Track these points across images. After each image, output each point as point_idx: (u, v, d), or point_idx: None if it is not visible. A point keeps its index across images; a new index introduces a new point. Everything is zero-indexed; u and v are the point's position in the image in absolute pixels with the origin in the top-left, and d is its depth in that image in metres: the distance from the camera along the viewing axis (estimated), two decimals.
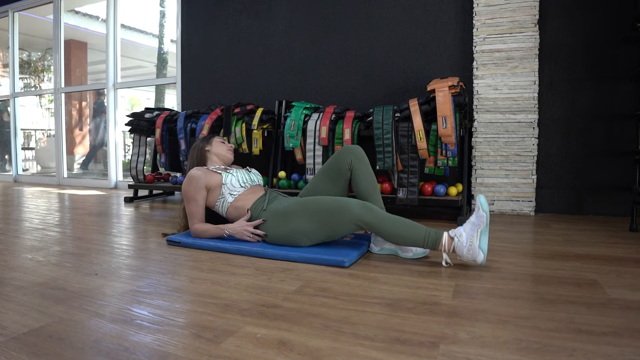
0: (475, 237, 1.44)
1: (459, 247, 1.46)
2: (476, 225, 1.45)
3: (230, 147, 2.08)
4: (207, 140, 2.06)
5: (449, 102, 2.31)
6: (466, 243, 1.45)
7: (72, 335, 0.95)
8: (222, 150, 2.04)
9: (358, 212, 1.53)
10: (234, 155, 2.10)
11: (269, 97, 3.52)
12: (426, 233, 1.49)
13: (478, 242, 1.44)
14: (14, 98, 5.41)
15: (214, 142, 2.05)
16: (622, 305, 1.12)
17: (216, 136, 2.10)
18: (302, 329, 0.98)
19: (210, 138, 2.07)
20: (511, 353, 0.86)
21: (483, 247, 1.44)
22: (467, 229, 1.47)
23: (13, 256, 1.65)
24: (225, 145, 2.06)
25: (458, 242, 1.46)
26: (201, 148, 2.03)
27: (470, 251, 1.44)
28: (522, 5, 2.63)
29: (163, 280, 1.35)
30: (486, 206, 1.45)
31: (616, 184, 2.58)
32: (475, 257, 1.45)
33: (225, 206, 1.85)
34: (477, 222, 1.45)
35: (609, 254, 1.68)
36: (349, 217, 1.54)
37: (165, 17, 7.08)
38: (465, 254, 1.45)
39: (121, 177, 4.61)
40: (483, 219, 1.44)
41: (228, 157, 2.05)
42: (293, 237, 1.65)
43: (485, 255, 1.44)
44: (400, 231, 1.50)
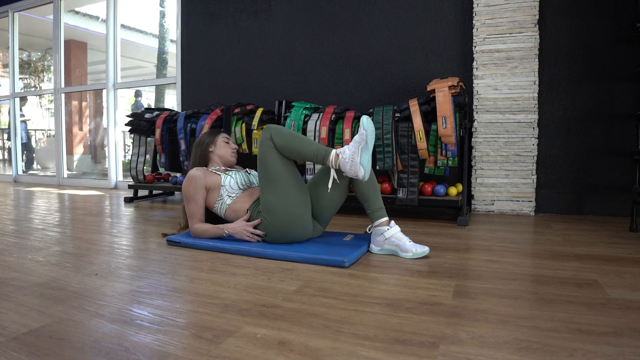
0: (357, 153, 1.56)
1: (343, 162, 1.59)
2: (358, 143, 1.56)
3: (234, 150, 2.05)
4: (212, 139, 2.02)
5: (449, 102, 2.31)
6: (349, 159, 1.57)
7: (72, 336, 0.95)
8: (226, 154, 2.02)
9: (265, 135, 1.66)
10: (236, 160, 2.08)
11: (269, 97, 3.52)
12: (317, 149, 1.64)
13: (359, 159, 1.56)
14: (14, 98, 5.41)
15: (219, 143, 2.02)
16: (622, 305, 1.12)
17: (222, 134, 2.06)
18: (302, 329, 0.98)
19: (216, 136, 2.04)
20: (511, 353, 0.86)
21: (364, 163, 1.56)
22: (351, 146, 1.58)
23: (13, 256, 1.65)
24: (229, 148, 2.04)
25: (342, 158, 1.59)
26: (205, 148, 2.01)
27: (352, 167, 1.57)
28: (522, 5, 2.63)
29: (163, 281, 1.35)
30: (367, 125, 1.55)
31: (616, 184, 2.58)
32: (356, 172, 1.57)
33: (223, 208, 1.85)
34: (359, 139, 1.56)
35: (609, 254, 1.68)
36: (265, 144, 1.66)
37: (165, 17, 7.08)
38: (348, 170, 1.58)
39: (121, 178, 4.61)
40: (363, 136, 1.55)
41: (231, 161, 2.03)
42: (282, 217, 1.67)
43: (367, 171, 1.55)
44: (295, 146, 1.64)
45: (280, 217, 1.67)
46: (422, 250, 1.61)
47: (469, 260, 1.59)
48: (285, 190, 1.66)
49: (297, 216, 1.68)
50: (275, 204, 1.67)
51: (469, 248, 1.80)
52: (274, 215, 1.68)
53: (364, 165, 1.56)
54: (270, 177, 1.67)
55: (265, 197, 1.69)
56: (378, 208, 1.72)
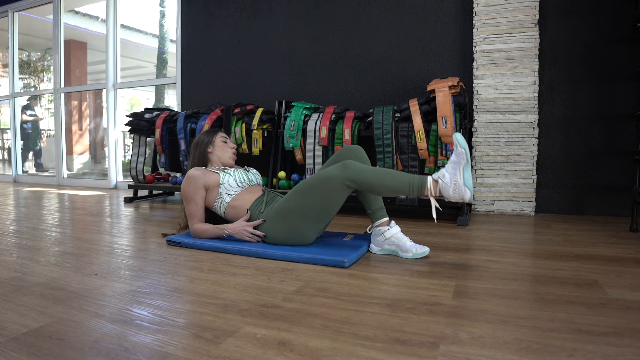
0: (459, 175, 1.43)
1: (445, 188, 1.45)
2: (457, 163, 1.44)
3: (233, 150, 2.04)
4: (210, 139, 2.01)
5: (449, 102, 2.31)
6: (451, 183, 1.44)
7: (72, 336, 0.95)
8: (225, 155, 2.00)
9: (342, 172, 1.54)
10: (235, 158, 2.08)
11: (268, 97, 3.51)
12: (411, 180, 1.48)
13: (462, 180, 1.43)
14: (14, 98, 5.40)
15: (217, 143, 2.01)
16: (622, 306, 1.12)
17: (219, 133, 2.05)
18: (302, 329, 0.98)
19: (214, 136, 2.03)
20: (511, 353, 0.86)
21: (468, 184, 1.43)
22: (450, 169, 1.45)
23: (13, 256, 1.65)
24: (228, 149, 2.02)
25: (442, 184, 1.45)
26: (204, 149, 2.00)
27: (456, 191, 1.44)
28: (522, 5, 2.63)
29: (163, 281, 1.35)
30: (464, 142, 1.44)
31: (616, 184, 2.58)
32: (462, 196, 1.44)
33: (223, 206, 1.85)
34: (458, 159, 1.44)
35: (609, 254, 1.68)
36: (336, 180, 1.55)
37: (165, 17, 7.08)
38: (452, 194, 1.44)
39: (121, 178, 4.61)
40: (463, 155, 1.43)
41: (230, 163, 2.02)
42: (293, 228, 1.64)
43: (472, 192, 1.44)
44: (385, 182, 1.51)
45: (290, 229, 1.66)
46: (423, 251, 1.61)
47: (469, 260, 1.59)
48: (313, 222, 1.64)
49: (305, 234, 1.67)
50: (294, 219, 1.64)
51: (469, 248, 1.80)
52: (284, 223, 1.66)
53: (468, 185, 1.43)
54: (313, 203, 1.60)
55: (291, 207, 1.64)
56: (378, 208, 1.72)
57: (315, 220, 1.64)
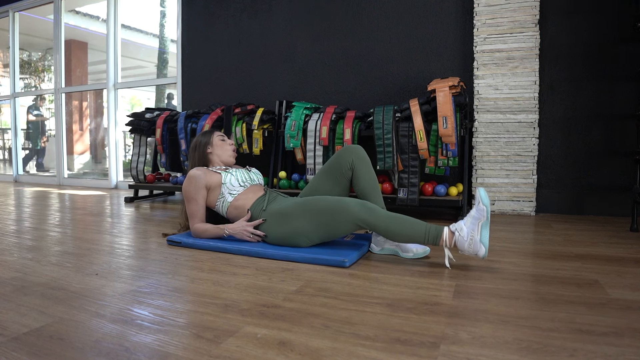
0: (477, 231, 1.43)
1: (460, 241, 1.45)
2: (477, 219, 1.44)
3: (233, 149, 2.04)
4: (207, 139, 2.01)
5: (449, 102, 2.31)
6: (467, 237, 1.44)
7: (73, 336, 0.95)
8: (225, 153, 2.01)
9: (357, 212, 1.53)
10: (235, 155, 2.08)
11: (269, 97, 3.52)
12: (427, 229, 1.48)
13: (479, 236, 1.43)
14: (14, 98, 5.41)
15: (215, 143, 2.01)
16: (622, 306, 1.12)
17: (216, 133, 2.04)
18: (302, 329, 0.98)
19: (210, 136, 2.02)
20: (512, 353, 0.86)
21: (484, 241, 1.43)
22: (468, 223, 1.45)
23: (13, 256, 1.65)
24: (227, 146, 2.02)
25: (459, 237, 1.45)
26: (203, 150, 2.00)
27: (471, 245, 1.43)
28: (523, 5, 2.63)
29: (163, 281, 1.35)
30: (487, 200, 1.43)
31: (617, 184, 2.58)
32: (476, 251, 1.43)
33: (225, 206, 1.85)
34: (478, 215, 1.44)
35: (610, 254, 1.68)
36: (349, 216, 1.53)
37: (166, 17, 7.09)
38: (466, 248, 1.44)
39: (122, 178, 4.61)
40: (484, 212, 1.42)
41: (230, 161, 2.03)
42: (293, 237, 1.65)
43: (487, 249, 1.43)
44: (401, 229, 1.49)
45: (291, 232, 1.65)
46: (423, 251, 1.61)
47: (470, 260, 1.59)
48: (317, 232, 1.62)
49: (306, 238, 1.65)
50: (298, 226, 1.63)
51: None
52: (287, 226, 1.65)
53: (484, 242, 1.43)
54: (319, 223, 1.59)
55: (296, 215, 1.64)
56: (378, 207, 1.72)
57: (318, 233, 1.62)
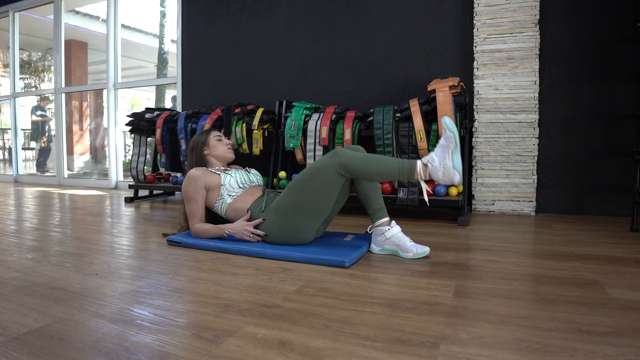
0: (448, 158, 1.46)
1: (434, 171, 1.47)
2: (446, 147, 1.47)
3: (229, 146, 2.04)
4: (204, 139, 2.01)
5: (449, 102, 2.31)
6: (440, 166, 1.46)
7: (73, 336, 0.95)
8: (222, 152, 2.01)
9: (333, 160, 1.56)
10: (233, 154, 2.07)
11: (269, 97, 3.52)
12: (400, 165, 1.51)
13: (451, 163, 1.45)
14: (14, 98, 5.41)
15: (212, 144, 2.00)
16: (622, 306, 1.12)
17: (213, 133, 2.03)
18: (302, 329, 0.98)
19: (207, 136, 2.02)
20: (512, 353, 0.86)
21: (457, 167, 1.45)
22: (438, 152, 1.48)
23: (13, 256, 1.65)
24: (223, 145, 2.02)
25: (432, 167, 1.48)
26: (200, 152, 2.00)
27: (445, 174, 1.46)
28: (523, 5, 2.63)
29: (163, 281, 1.35)
30: (452, 126, 1.46)
31: (617, 184, 2.58)
32: (452, 179, 1.46)
33: (224, 207, 1.85)
34: (446, 143, 1.46)
35: (610, 254, 1.68)
36: (329, 168, 1.57)
37: (166, 17, 7.08)
38: (441, 177, 1.47)
39: (121, 178, 4.61)
40: (451, 139, 1.45)
41: (229, 157, 2.03)
42: (291, 225, 1.65)
43: (461, 174, 1.47)
44: (377, 167, 1.53)
45: (288, 225, 1.66)
46: (423, 251, 1.61)
47: (470, 260, 1.59)
48: (312, 216, 1.64)
49: (305, 230, 1.67)
50: (292, 214, 1.64)
51: (469, 248, 1.80)
52: (283, 219, 1.66)
53: (457, 168, 1.45)
54: (308, 196, 1.61)
55: (287, 203, 1.65)
56: (379, 208, 1.72)
57: (313, 214, 1.64)
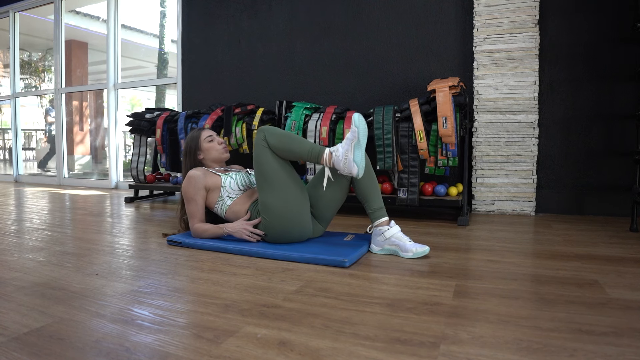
0: (350, 151, 1.56)
1: (336, 160, 1.59)
2: (350, 140, 1.56)
3: (222, 143, 2.02)
4: (196, 143, 1.99)
5: (449, 102, 2.31)
6: (342, 157, 1.57)
7: (73, 336, 0.95)
8: (216, 155, 1.99)
9: (259, 137, 1.66)
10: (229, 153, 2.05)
11: (269, 97, 3.52)
12: (311, 148, 1.63)
13: (352, 156, 1.56)
14: (15, 98, 5.41)
15: (204, 147, 1.98)
16: (622, 305, 1.12)
17: (202, 136, 2.00)
18: (302, 329, 0.98)
19: (198, 140, 1.99)
20: (512, 353, 0.86)
21: (357, 161, 1.56)
22: (344, 144, 1.58)
23: (14, 256, 1.65)
24: (216, 145, 1.99)
25: (335, 156, 1.59)
26: (194, 156, 1.99)
27: (346, 164, 1.57)
28: (523, 6, 2.63)
29: (164, 281, 1.35)
30: (358, 122, 1.55)
31: (617, 184, 2.58)
32: (350, 170, 1.57)
33: (224, 209, 1.85)
34: (351, 137, 1.57)
35: (610, 254, 1.68)
36: (258, 146, 1.67)
37: (166, 18, 7.09)
38: (342, 167, 1.59)
39: (122, 178, 4.61)
40: (355, 133, 1.55)
41: (223, 158, 2.02)
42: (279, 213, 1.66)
43: (361, 168, 1.56)
44: (292, 146, 1.64)
45: (279, 216, 1.67)
46: (423, 250, 1.61)
47: (470, 260, 1.59)
48: (282, 190, 1.66)
49: (296, 215, 1.68)
50: (273, 203, 1.67)
51: (469, 248, 1.80)
52: (272, 214, 1.68)
53: (357, 162, 1.56)
54: (266, 177, 1.67)
55: (263, 198, 1.69)
56: (378, 208, 1.72)
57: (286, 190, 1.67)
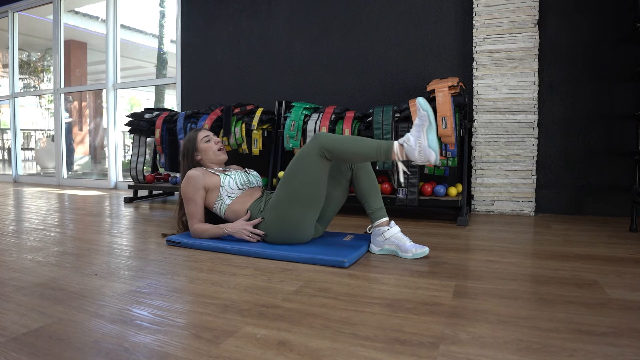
0: (423, 137, 1.46)
1: (410, 151, 1.47)
2: (420, 126, 1.46)
3: (218, 143, 2.00)
4: (193, 144, 1.97)
5: (448, 102, 2.31)
6: (415, 145, 1.46)
7: (72, 336, 0.95)
8: (212, 157, 1.98)
9: (314, 144, 1.57)
10: (226, 154, 2.04)
11: (268, 97, 3.52)
12: (378, 145, 1.52)
13: (427, 142, 1.45)
14: (14, 98, 5.40)
15: (201, 148, 1.97)
16: (622, 306, 1.12)
17: (199, 136, 1.99)
18: (302, 330, 0.98)
19: (195, 141, 1.97)
20: (511, 353, 0.86)
21: (432, 146, 1.45)
22: (414, 132, 1.47)
23: (13, 256, 1.65)
24: (213, 146, 1.98)
25: (408, 147, 1.47)
26: (191, 158, 1.98)
27: (421, 153, 1.46)
28: (522, 6, 2.63)
29: (163, 281, 1.35)
30: (426, 105, 1.46)
31: (616, 184, 2.58)
32: (428, 158, 1.46)
33: (223, 208, 1.85)
34: (420, 122, 1.46)
35: (609, 254, 1.68)
36: (311, 153, 1.57)
37: (165, 18, 7.08)
38: (417, 157, 1.47)
39: (121, 178, 4.61)
40: (425, 118, 1.45)
41: (220, 160, 2.00)
42: (289, 219, 1.64)
43: (437, 153, 1.46)
44: (355, 148, 1.54)
45: (289, 223, 1.66)
46: (422, 251, 1.61)
47: (469, 260, 1.59)
48: (306, 206, 1.63)
49: (303, 225, 1.66)
50: (291, 213, 1.64)
51: (469, 248, 1.80)
52: (280, 215, 1.66)
53: (432, 147, 1.45)
54: (299, 187, 1.61)
55: (281, 197, 1.65)
56: (378, 208, 1.72)
57: (307, 204, 1.63)
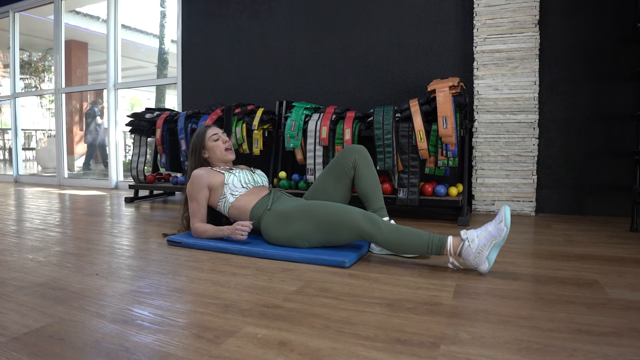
0: (487, 247, 1.38)
1: (467, 252, 1.39)
2: (492, 237, 1.37)
3: (227, 142, 2.01)
4: (201, 142, 1.99)
5: (449, 102, 2.31)
6: (476, 250, 1.38)
7: (73, 336, 0.95)
8: (219, 155, 1.99)
9: (360, 223, 1.50)
10: (234, 154, 2.05)
11: (269, 97, 3.52)
12: (430, 240, 1.44)
13: (487, 253, 1.38)
14: (15, 98, 5.41)
15: (209, 146, 1.98)
16: (622, 306, 1.12)
17: (208, 134, 2.00)
18: (302, 329, 0.98)
19: (203, 139, 1.99)
20: (512, 353, 0.86)
21: (490, 259, 1.38)
22: (482, 237, 1.39)
23: (14, 256, 1.65)
24: (220, 144, 1.99)
25: (468, 247, 1.39)
26: (199, 155, 1.99)
27: (476, 258, 1.39)
28: (523, 6, 2.63)
29: (164, 281, 1.35)
30: (509, 221, 1.37)
31: (617, 184, 2.58)
32: (479, 265, 1.39)
33: (226, 206, 1.85)
34: (495, 234, 1.37)
35: (610, 254, 1.68)
36: (351, 226, 1.52)
37: (166, 18, 7.09)
38: (471, 260, 1.40)
39: (122, 178, 4.61)
40: (502, 233, 1.36)
41: (228, 159, 2.01)
42: (293, 239, 1.64)
43: (490, 266, 1.39)
44: (403, 241, 1.47)
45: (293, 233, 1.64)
46: None
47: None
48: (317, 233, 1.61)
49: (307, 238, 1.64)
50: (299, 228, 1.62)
51: None
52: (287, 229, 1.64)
53: (490, 260, 1.38)
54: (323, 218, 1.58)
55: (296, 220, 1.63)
56: (379, 208, 1.72)
57: (315, 243, 1.63)
